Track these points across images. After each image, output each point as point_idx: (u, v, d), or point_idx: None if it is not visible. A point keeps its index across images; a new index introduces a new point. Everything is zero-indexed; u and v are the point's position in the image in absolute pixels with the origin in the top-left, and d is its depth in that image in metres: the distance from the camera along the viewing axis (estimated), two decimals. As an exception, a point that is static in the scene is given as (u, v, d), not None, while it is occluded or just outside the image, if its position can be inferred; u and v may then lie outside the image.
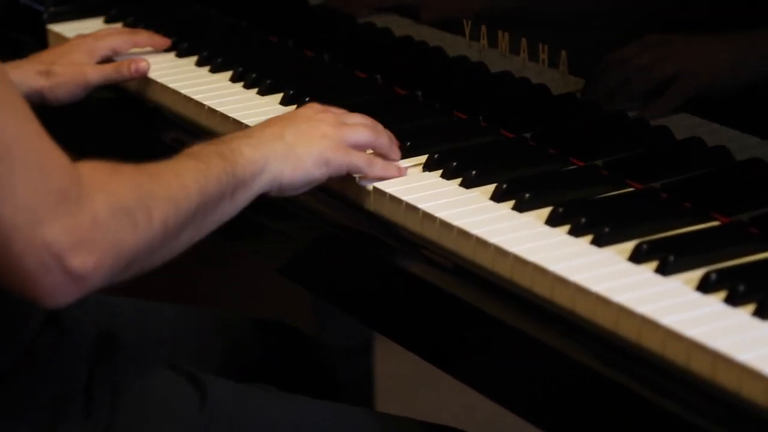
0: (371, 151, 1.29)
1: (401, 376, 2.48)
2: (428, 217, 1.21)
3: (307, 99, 1.46)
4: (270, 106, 1.49)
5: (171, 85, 1.55)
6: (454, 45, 1.54)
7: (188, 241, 1.11)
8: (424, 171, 1.30)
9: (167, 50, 1.66)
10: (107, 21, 1.77)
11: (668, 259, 1.08)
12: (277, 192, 1.21)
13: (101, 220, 1.01)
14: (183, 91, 1.53)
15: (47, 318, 1.20)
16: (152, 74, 1.58)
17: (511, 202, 1.22)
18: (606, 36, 1.33)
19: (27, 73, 1.47)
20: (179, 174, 1.10)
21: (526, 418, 1.13)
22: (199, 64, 1.62)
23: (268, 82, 1.52)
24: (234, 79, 1.56)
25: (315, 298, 2.14)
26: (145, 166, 1.10)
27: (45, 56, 1.53)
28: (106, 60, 1.58)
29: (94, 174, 1.03)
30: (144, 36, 1.62)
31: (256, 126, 1.26)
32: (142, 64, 1.53)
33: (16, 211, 0.98)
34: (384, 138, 1.28)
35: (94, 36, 1.59)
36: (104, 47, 1.57)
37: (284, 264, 1.42)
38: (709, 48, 1.25)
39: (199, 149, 1.16)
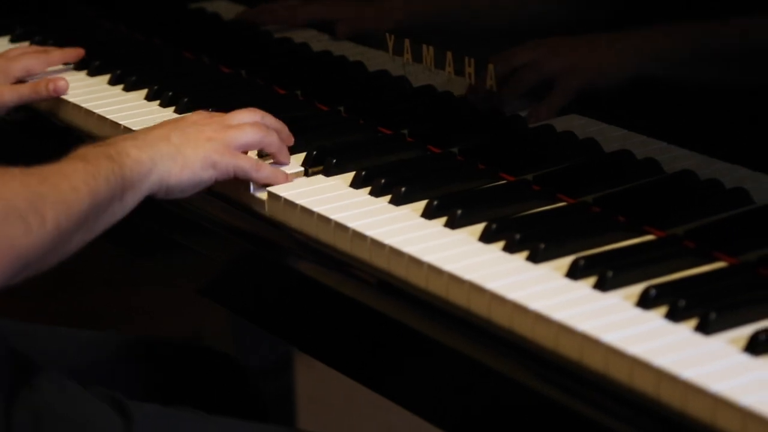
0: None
1: (322, 393, 2.45)
2: (358, 235, 1.18)
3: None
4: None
5: (84, 105, 1.50)
6: (375, 59, 1.51)
7: (80, 242, 1.11)
8: (351, 188, 1.27)
9: (78, 68, 1.62)
10: (13, 40, 1.72)
11: (606, 274, 1.06)
12: (165, 194, 1.21)
13: None
14: (97, 111, 1.48)
15: None
16: (63, 95, 1.53)
17: (443, 219, 1.19)
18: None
19: None
20: (68, 176, 1.10)
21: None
22: (112, 82, 1.58)
23: (185, 100, 1.49)
24: (149, 98, 1.52)
25: (232, 316, 2.11)
26: (33, 169, 1.09)
27: None
28: (20, 82, 1.53)
29: None
30: (56, 54, 1.58)
31: (141, 129, 1.26)
32: (61, 83, 1.50)
33: None
34: (272, 137, 1.28)
35: (5, 56, 1.55)
36: (18, 68, 1.54)
37: (198, 281, 1.41)
38: (592, 47, 1.26)
39: (86, 151, 1.16)
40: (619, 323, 1.01)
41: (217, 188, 1.27)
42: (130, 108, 1.50)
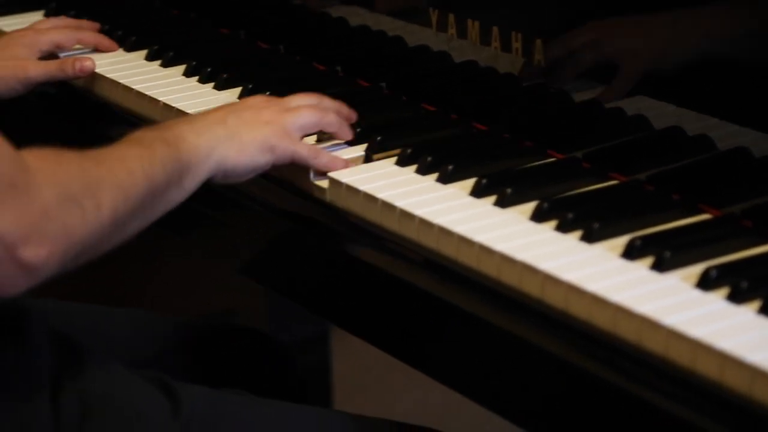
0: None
1: (357, 369, 2.44)
2: (406, 215, 1.16)
3: (267, 93, 1.40)
4: (229, 101, 1.42)
5: (122, 81, 1.48)
6: (415, 34, 1.49)
7: (137, 227, 1.08)
8: (397, 166, 1.25)
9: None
10: (47, 15, 1.70)
11: (664, 255, 1.03)
12: (222, 178, 1.18)
13: (51, 209, 0.98)
14: (135, 87, 1.46)
15: (6, 327, 1.14)
16: (100, 69, 1.51)
17: (493, 198, 1.17)
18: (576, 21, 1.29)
19: None
20: (125, 160, 1.07)
21: (514, 421, 1.09)
22: (150, 58, 1.55)
23: (225, 76, 1.46)
24: (188, 74, 1.50)
25: (266, 294, 2.09)
26: (89, 152, 1.07)
27: None
28: (50, 56, 1.51)
29: (39, 162, 1.00)
30: (89, 34, 1.55)
31: (198, 113, 1.23)
32: (87, 63, 1.47)
33: None
34: (331, 116, 1.26)
35: (35, 29, 1.51)
36: (46, 42, 1.50)
37: (237, 260, 1.38)
38: (653, 28, 1.23)
39: (142, 135, 1.14)
40: (679, 305, 0.98)
41: (272, 172, 1.24)
42: (168, 84, 1.47)
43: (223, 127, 1.18)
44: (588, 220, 1.10)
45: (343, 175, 1.22)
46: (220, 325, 1.49)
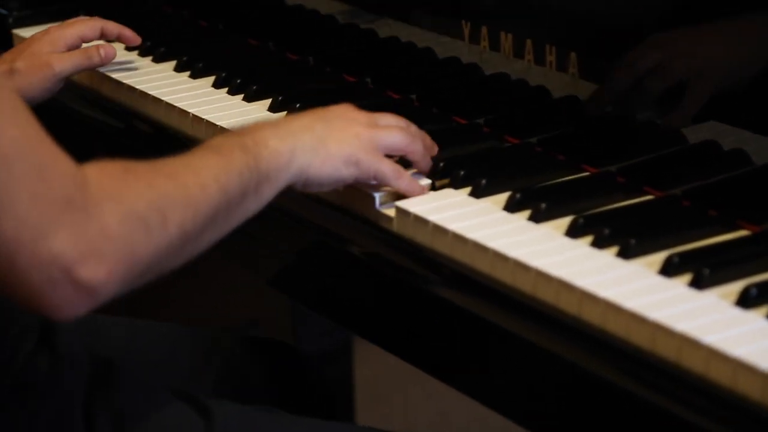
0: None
1: (380, 380, 2.43)
2: (439, 229, 1.15)
3: (297, 105, 1.40)
4: (258, 112, 1.42)
5: (152, 93, 1.47)
6: (446, 46, 1.48)
7: (210, 240, 1.05)
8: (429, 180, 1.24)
9: (143, 54, 1.59)
10: (77, 25, 1.70)
11: (703, 272, 1.02)
12: (302, 186, 1.14)
13: (111, 228, 0.95)
14: (165, 99, 1.46)
15: (39, 340, 1.13)
16: (129, 80, 1.51)
17: (527, 213, 1.16)
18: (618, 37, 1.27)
19: None
20: (198, 172, 1.04)
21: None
22: (178, 69, 1.55)
23: (254, 87, 1.45)
24: (217, 85, 1.49)
25: (290, 303, 2.09)
26: (162, 164, 1.03)
27: (6, 55, 1.44)
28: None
29: (103, 178, 0.97)
30: (112, 24, 1.51)
31: (284, 117, 1.18)
32: (111, 50, 1.45)
33: (19, 223, 0.92)
34: (418, 144, 1.21)
35: (57, 26, 1.48)
36: (70, 35, 1.46)
37: (266, 271, 1.36)
38: (718, 44, 1.20)
39: (222, 141, 1.10)
40: (718, 323, 0.97)
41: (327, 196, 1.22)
42: (197, 96, 1.47)
43: (309, 134, 1.14)
44: (624, 236, 1.09)
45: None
46: (247, 338, 1.48)
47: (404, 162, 1.23)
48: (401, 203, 1.17)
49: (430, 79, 1.47)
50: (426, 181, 1.22)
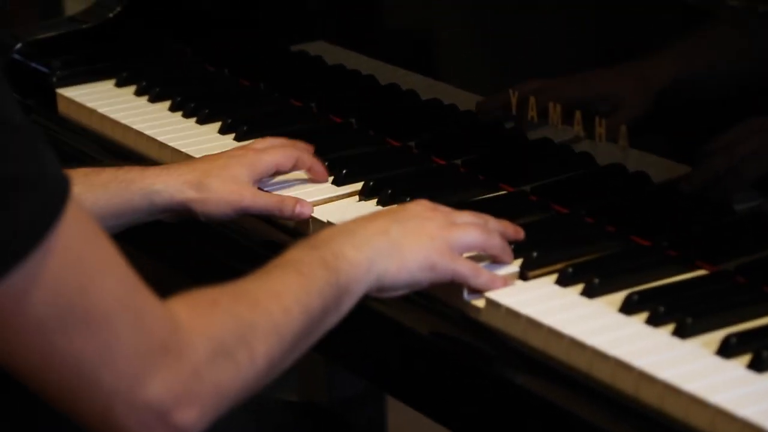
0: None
1: (410, 427, 2.42)
2: (492, 303, 1.15)
3: (344, 171, 1.40)
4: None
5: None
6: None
7: (292, 360, 1.04)
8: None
9: (186, 116, 1.59)
10: (118, 84, 1.70)
11: (763, 354, 1.02)
12: (377, 292, 1.12)
13: (202, 367, 0.95)
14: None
15: None
16: (174, 143, 1.51)
17: (579, 287, 1.16)
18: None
19: (173, 182, 1.30)
20: (280, 296, 1.02)
21: None
22: (223, 131, 1.55)
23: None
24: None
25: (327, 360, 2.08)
26: (244, 289, 1.02)
27: (200, 164, 1.35)
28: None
29: (191, 315, 0.97)
30: (307, 157, 1.40)
31: (358, 220, 1.15)
32: (306, 210, 1.33)
33: (118, 376, 0.92)
34: (496, 239, 1.18)
35: (255, 148, 1.38)
36: (267, 162, 1.36)
37: (343, 355, 1.32)
38: None
39: (300, 257, 1.07)
40: (779, 408, 0.97)
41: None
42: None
43: (385, 239, 1.11)
44: (680, 314, 1.08)
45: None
46: (284, 401, 1.47)
47: None
48: (491, 294, 1.15)
49: (475, 145, 1.47)
50: (508, 270, 1.19)
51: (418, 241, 1.13)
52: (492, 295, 1.15)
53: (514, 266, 1.20)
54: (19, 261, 0.90)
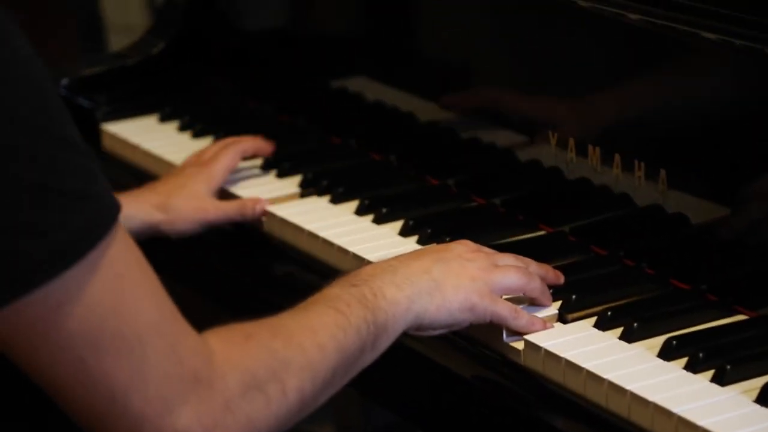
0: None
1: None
2: (531, 346, 1.16)
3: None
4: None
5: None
6: (528, 151, 1.48)
7: (325, 398, 1.05)
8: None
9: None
10: (162, 119, 1.72)
11: (802, 403, 1.03)
12: (415, 330, 1.13)
13: (233, 400, 0.96)
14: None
15: None
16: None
17: (618, 331, 1.17)
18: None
19: (142, 207, 1.39)
20: (316, 332, 1.04)
21: None
22: (265, 167, 1.57)
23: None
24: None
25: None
26: (280, 323, 1.04)
27: (161, 187, 1.45)
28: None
29: (225, 348, 0.99)
30: (249, 144, 1.53)
31: (401, 257, 1.16)
32: (262, 204, 1.44)
33: (147, 401, 0.94)
34: (536, 282, 1.20)
35: (206, 161, 1.49)
36: (220, 171, 1.47)
37: (379, 392, 1.34)
38: None
39: (339, 293, 1.09)
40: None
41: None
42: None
43: (427, 278, 1.13)
44: (719, 360, 1.09)
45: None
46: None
47: None
48: (531, 337, 1.16)
49: (515, 184, 1.48)
50: (547, 313, 1.20)
51: (459, 282, 1.14)
52: (531, 337, 1.16)
53: (553, 309, 1.21)
54: (61, 271, 0.92)
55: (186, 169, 1.49)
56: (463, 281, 1.14)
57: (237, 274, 1.51)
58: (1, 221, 0.90)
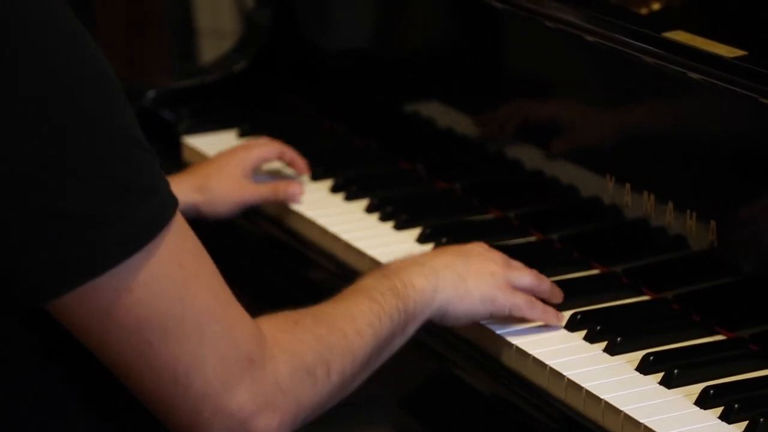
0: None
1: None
2: (574, 385, 1.21)
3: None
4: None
5: (310, 215, 1.56)
6: (587, 187, 1.52)
7: (361, 380, 1.14)
8: (566, 330, 1.30)
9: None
10: (241, 134, 1.79)
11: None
12: (439, 320, 1.23)
13: (284, 381, 1.04)
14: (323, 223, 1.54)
15: None
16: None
17: (659, 375, 1.21)
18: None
19: (182, 189, 1.46)
20: (355, 319, 1.13)
21: None
22: (335, 190, 1.63)
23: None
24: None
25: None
26: (322, 311, 1.13)
27: (199, 170, 1.56)
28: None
29: (276, 333, 1.06)
30: (289, 152, 1.62)
31: (426, 254, 1.28)
32: (296, 189, 1.56)
33: (207, 381, 1.01)
34: (546, 284, 1.30)
35: (243, 147, 1.60)
36: (255, 157, 1.59)
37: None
38: None
39: (372, 284, 1.19)
40: None
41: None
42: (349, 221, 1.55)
43: (450, 272, 1.23)
44: (753, 411, 1.13)
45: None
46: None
47: None
48: (572, 374, 1.22)
49: (571, 219, 1.51)
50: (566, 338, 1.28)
51: (480, 276, 1.25)
52: (574, 377, 1.22)
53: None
54: (123, 259, 0.99)
55: (224, 152, 1.59)
56: (484, 275, 1.25)
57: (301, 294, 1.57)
58: (71, 212, 0.98)
